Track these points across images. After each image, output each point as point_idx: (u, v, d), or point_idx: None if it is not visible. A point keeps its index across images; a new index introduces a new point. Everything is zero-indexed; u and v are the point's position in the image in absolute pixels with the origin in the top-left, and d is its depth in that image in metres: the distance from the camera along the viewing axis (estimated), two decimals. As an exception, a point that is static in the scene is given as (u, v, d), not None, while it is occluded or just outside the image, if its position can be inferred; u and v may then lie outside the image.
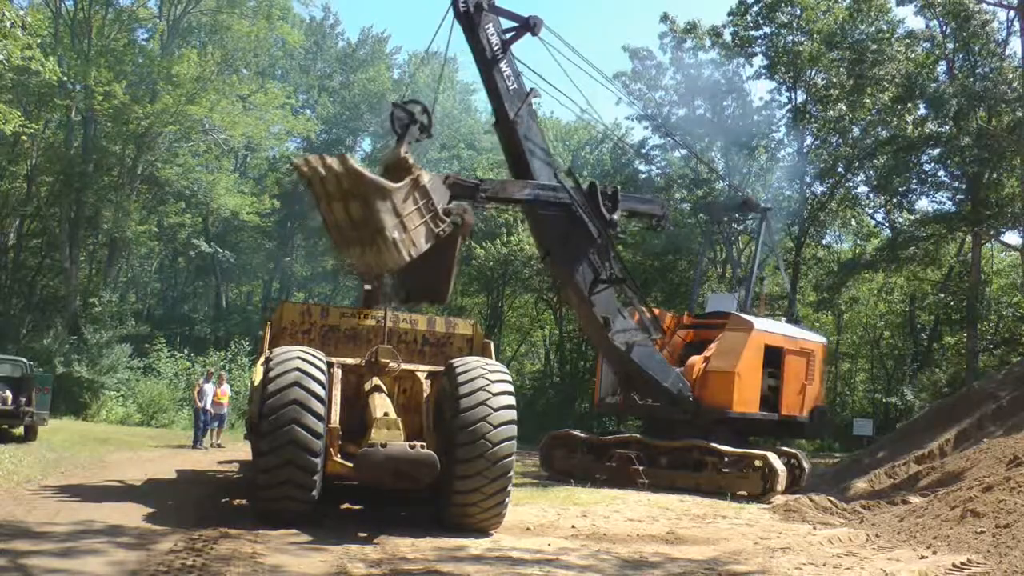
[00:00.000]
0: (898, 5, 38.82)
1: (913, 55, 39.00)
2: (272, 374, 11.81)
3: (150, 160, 41.36)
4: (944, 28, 38.89)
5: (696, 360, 22.26)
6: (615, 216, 19.94)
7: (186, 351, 40.33)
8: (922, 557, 11.79)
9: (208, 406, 25.94)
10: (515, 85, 18.72)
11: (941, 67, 39.55)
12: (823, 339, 26.65)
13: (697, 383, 21.70)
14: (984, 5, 36.60)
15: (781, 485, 19.63)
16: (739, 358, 21.61)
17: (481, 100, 73.93)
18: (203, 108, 39.06)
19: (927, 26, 39.74)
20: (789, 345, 23.45)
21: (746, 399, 21.91)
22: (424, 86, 54.19)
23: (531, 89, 18.94)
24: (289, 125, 47.08)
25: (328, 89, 57.35)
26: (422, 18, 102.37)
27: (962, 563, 11.22)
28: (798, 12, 40.94)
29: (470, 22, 18.17)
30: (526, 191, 18.97)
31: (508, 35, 18.83)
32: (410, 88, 54.68)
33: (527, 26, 18.79)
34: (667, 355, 22.22)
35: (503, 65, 18.53)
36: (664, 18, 45.33)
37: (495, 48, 18.46)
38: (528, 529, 13.35)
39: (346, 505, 14.57)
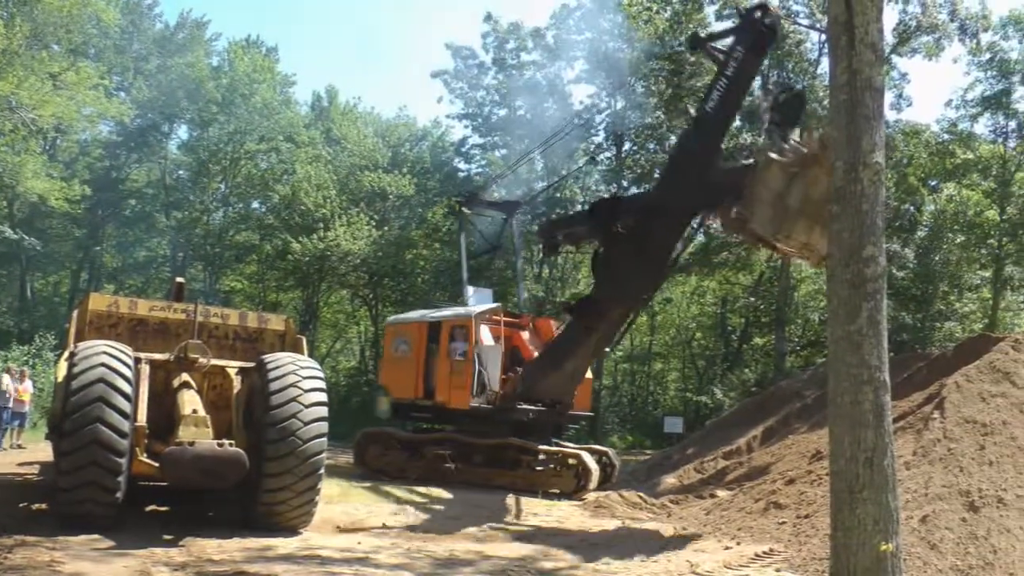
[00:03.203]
0: (716, 20, 40.31)
1: (730, 69, 40.41)
2: (76, 370, 11.35)
3: (-52, 138, 39.03)
4: (761, 45, 40.56)
5: None
6: None
7: (-14, 345, 38.19)
8: (726, 548, 12.36)
9: (8, 404, 24.73)
10: None
11: (757, 82, 41.25)
12: None
13: None
14: (797, 26, 38.47)
15: (593, 482, 19.73)
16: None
17: (299, 93, 72.58)
18: (9, 84, 36.80)
19: (745, 42, 41.25)
20: None
21: None
22: (244, 75, 52.84)
23: None
24: (102, 108, 44.86)
25: (144, 72, 55.06)
26: (241, 5, 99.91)
27: (764, 552, 11.79)
28: (620, 20, 42.03)
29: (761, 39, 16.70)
30: None
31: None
32: (230, 76, 53.23)
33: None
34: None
35: None
36: (488, 18, 45.98)
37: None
38: (339, 528, 13.34)
39: (152, 507, 14.12)
